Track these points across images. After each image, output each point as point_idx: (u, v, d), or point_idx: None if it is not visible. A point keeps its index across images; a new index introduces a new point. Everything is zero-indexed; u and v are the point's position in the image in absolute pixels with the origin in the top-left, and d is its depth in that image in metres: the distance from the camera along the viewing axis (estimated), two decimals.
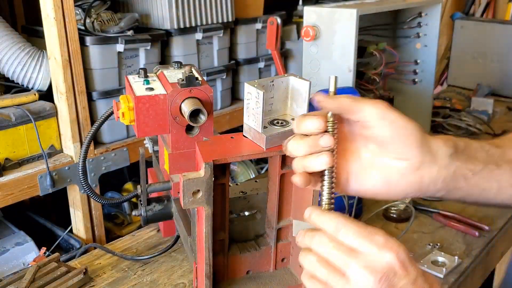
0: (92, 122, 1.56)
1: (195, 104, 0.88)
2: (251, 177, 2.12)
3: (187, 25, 1.80)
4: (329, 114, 0.59)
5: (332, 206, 0.59)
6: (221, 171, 0.75)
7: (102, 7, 1.69)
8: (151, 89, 0.91)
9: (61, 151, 1.57)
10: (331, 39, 1.24)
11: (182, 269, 0.98)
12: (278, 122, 0.75)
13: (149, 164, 1.09)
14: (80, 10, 1.62)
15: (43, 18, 1.44)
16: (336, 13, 1.22)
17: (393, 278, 0.51)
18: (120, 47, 1.60)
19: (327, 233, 0.55)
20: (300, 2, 2.34)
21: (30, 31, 1.75)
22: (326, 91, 1.16)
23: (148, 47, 1.67)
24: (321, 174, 0.58)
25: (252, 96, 0.71)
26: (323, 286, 0.54)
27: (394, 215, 1.17)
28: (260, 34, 2.13)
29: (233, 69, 2.06)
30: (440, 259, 1.02)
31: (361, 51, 1.34)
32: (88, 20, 1.62)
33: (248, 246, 0.87)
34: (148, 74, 0.97)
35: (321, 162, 0.57)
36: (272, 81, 0.74)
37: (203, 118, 0.89)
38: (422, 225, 1.15)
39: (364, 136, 0.60)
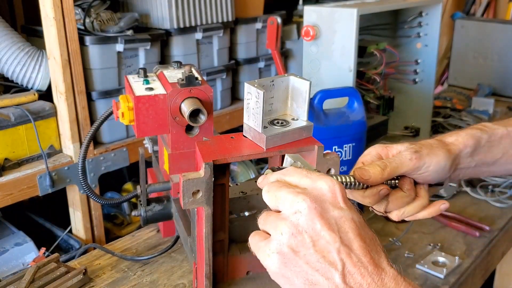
0: (92, 122, 1.56)
1: (195, 104, 0.87)
2: (251, 177, 2.12)
3: (187, 25, 1.80)
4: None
5: None
6: (221, 171, 0.75)
7: (101, 6, 1.69)
8: (151, 89, 0.91)
9: (61, 151, 1.57)
10: (331, 38, 1.24)
11: (182, 269, 0.98)
12: (278, 122, 0.74)
13: (148, 164, 1.09)
14: (79, 10, 1.62)
15: (43, 17, 1.44)
16: (337, 12, 1.22)
17: (322, 203, 0.54)
18: (119, 47, 1.60)
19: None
20: (300, 2, 2.33)
21: (30, 31, 1.74)
22: (326, 91, 1.16)
23: (148, 47, 1.67)
24: None
25: (252, 96, 0.71)
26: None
27: None
28: (260, 34, 2.12)
29: (233, 69, 2.06)
30: (441, 259, 1.02)
31: (362, 50, 1.34)
32: (87, 20, 1.61)
33: (248, 247, 0.86)
34: (147, 74, 0.97)
35: None
36: (272, 81, 0.73)
37: (203, 118, 0.89)
38: (423, 225, 1.15)
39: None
